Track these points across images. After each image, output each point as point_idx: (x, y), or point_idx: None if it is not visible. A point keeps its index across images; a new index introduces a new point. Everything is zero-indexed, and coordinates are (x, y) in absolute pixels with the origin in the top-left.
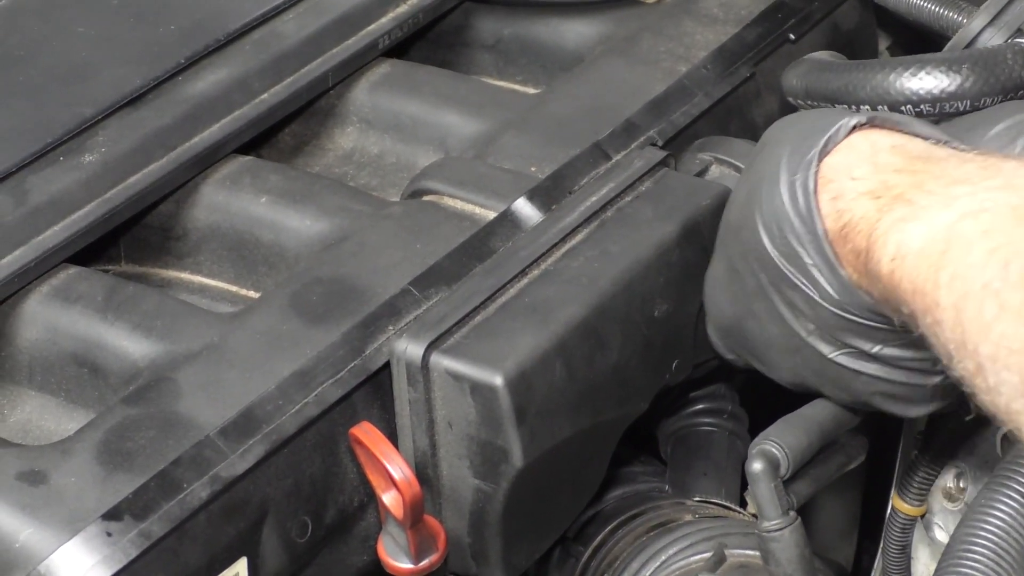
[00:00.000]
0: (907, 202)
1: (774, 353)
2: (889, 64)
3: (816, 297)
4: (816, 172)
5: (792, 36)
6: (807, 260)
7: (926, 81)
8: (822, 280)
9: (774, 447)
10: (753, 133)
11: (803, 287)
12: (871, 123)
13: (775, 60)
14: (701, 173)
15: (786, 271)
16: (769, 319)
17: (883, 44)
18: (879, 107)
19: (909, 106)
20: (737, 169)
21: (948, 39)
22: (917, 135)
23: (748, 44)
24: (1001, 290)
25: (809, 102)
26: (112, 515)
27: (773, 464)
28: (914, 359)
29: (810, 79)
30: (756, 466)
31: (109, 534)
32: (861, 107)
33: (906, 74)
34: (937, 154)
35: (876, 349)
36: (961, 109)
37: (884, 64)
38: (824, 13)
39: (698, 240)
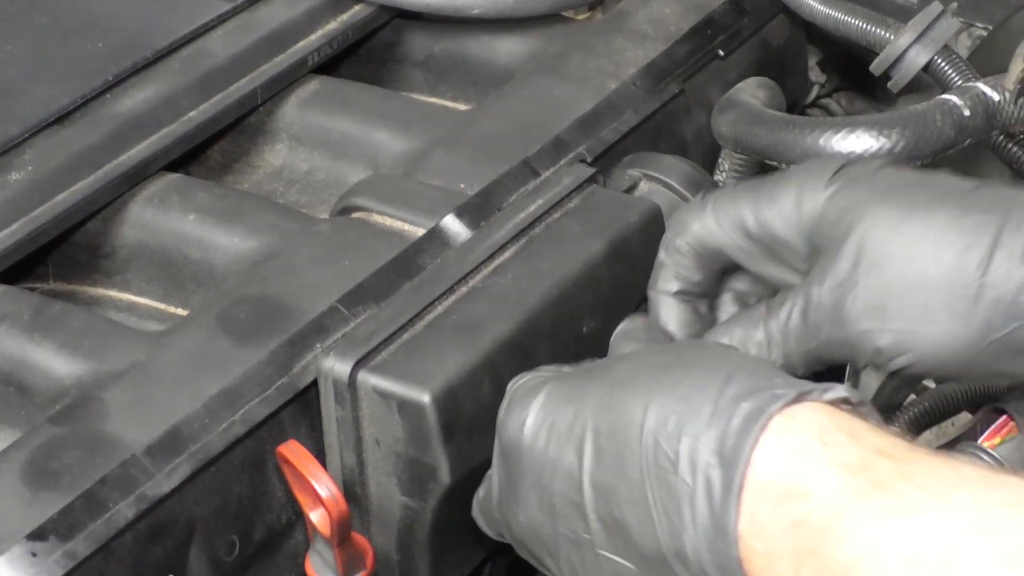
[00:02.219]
0: (892, 492)
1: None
2: (820, 125)
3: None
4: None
5: (721, 52)
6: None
7: (856, 144)
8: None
9: None
10: (682, 149)
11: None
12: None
13: (704, 76)
14: (630, 189)
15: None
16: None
17: (812, 60)
18: None
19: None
20: (666, 185)
21: (876, 55)
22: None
23: (677, 61)
24: None
25: (740, 152)
26: (37, 535)
27: None
28: None
29: (740, 130)
30: None
31: (34, 554)
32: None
33: (836, 136)
34: (910, 449)
35: None
36: None
37: (815, 124)
38: (753, 30)
39: (626, 257)
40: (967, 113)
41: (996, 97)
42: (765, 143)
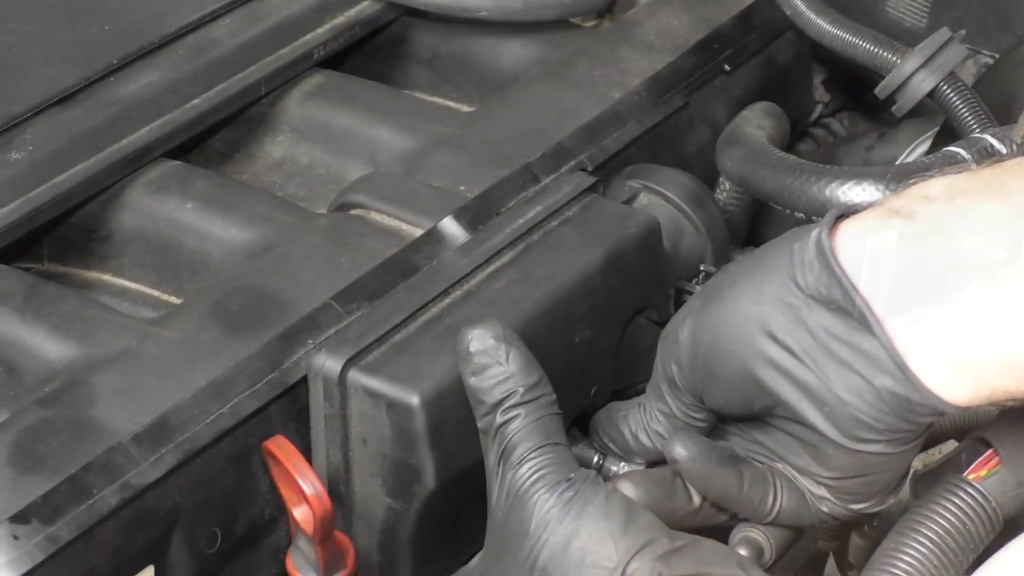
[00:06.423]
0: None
1: None
2: (825, 174)
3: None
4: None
5: (727, 67)
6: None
7: (861, 196)
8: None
9: (759, 534)
10: (684, 162)
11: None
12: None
13: (709, 90)
14: (629, 200)
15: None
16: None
17: (817, 79)
18: (813, 217)
19: None
20: (666, 198)
21: (881, 77)
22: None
23: (683, 73)
24: None
25: (744, 190)
26: (20, 518)
27: (757, 551)
28: None
29: (746, 171)
30: (741, 553)
31: (16, 537)
32: (796, 214)
33: (843, 188)
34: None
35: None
36: None
37: (821, 173)
38: (760, 46)
39: (623, 268)
40: (974, 167)
41: (1004, 150)
42: (770, 188)
